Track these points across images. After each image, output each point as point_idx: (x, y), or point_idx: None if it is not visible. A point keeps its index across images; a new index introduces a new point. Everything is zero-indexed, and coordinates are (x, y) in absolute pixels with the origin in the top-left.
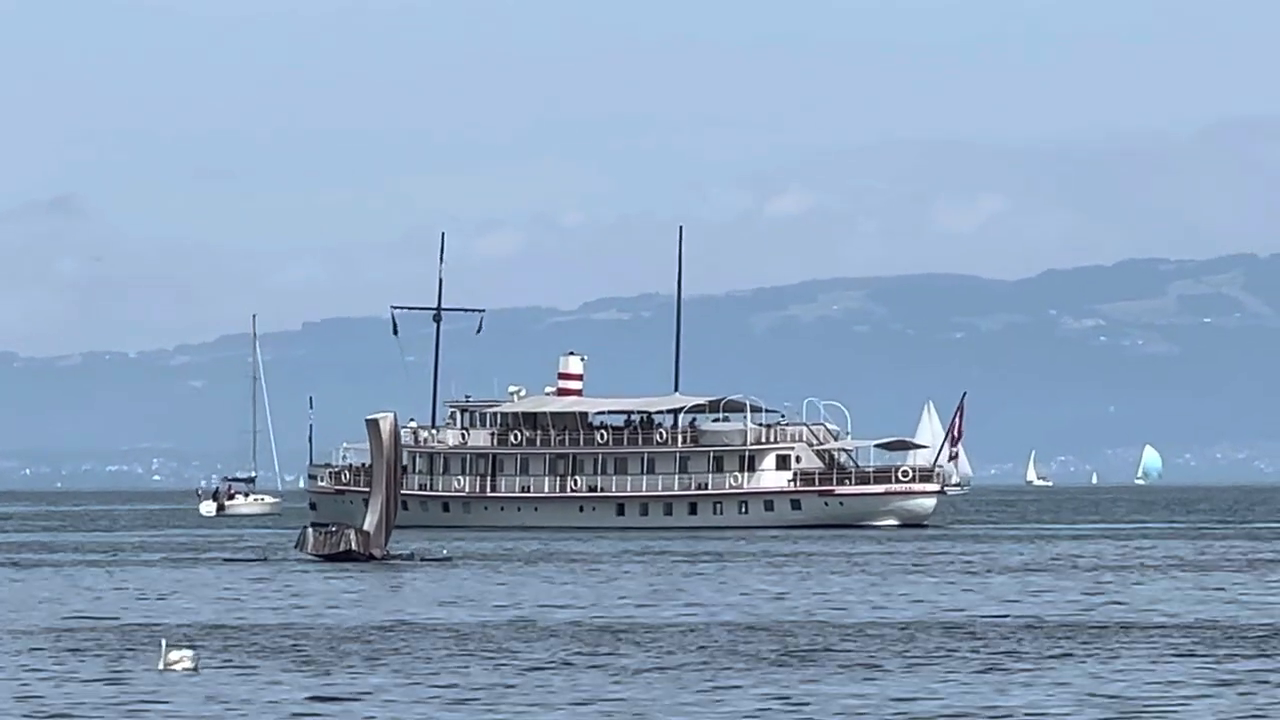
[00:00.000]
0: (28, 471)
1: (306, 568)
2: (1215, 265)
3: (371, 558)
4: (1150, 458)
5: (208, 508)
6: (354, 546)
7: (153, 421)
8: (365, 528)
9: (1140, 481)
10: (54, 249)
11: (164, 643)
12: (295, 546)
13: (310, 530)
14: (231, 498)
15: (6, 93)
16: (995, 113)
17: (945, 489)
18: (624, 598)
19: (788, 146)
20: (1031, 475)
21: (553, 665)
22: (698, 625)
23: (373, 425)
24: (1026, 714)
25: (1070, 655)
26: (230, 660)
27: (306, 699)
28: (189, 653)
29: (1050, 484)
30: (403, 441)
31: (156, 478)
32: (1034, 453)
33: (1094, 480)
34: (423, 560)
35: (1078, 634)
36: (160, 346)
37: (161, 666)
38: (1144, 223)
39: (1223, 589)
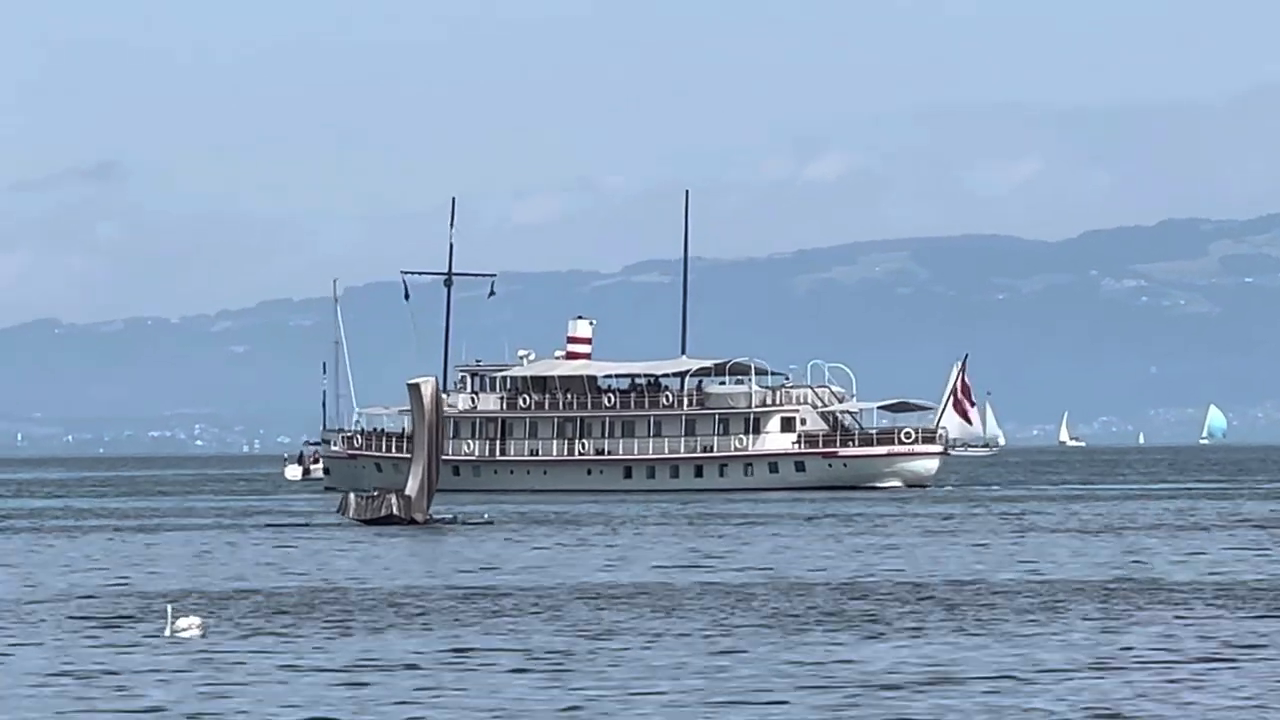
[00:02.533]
0: (70, 438)
1: (346, 532)
2: (1256, 225)
3: (413, 522)
4: (1215, 417)
5: (293, 471)
6: (395, 511)
7: (194, 387)
8: (407, 492)
9: (1204, 441)
10: (96, 215)
11: (170, 609)
12: (337, 511)
13: (352, 495)
14: (316, 461)
15: (49, 61)
16: (1036, 75)
17: (966, 450)
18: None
19: (828, 110)
20: (1064, 436)
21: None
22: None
23: (414, 390)
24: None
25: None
26: (239, 626)
27: (313, 668)
28: (195, 620)
29: (1083, 444)
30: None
31: (199, 443)
32: (1066, 414)
33: (1140, 440)
34: (464, 524)
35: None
36: (202, 312)
37: (169, 633)
38: (1184, 183)
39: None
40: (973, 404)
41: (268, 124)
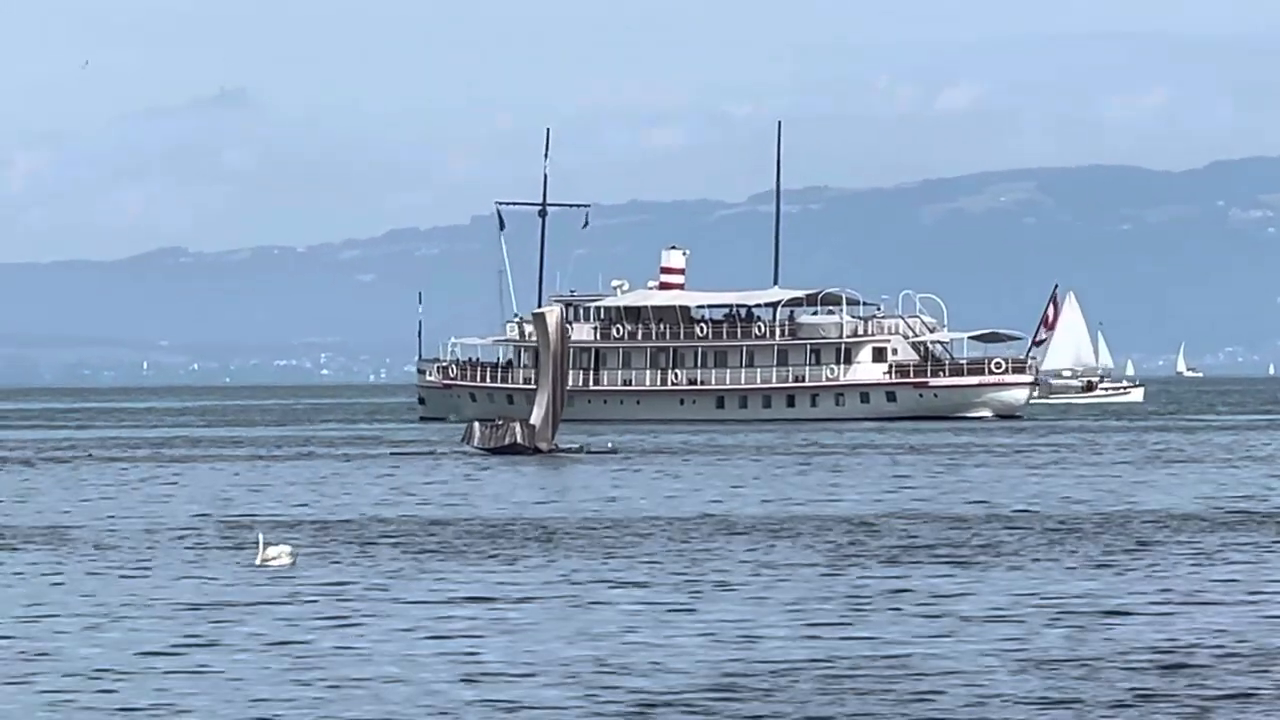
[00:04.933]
0: (196, 366)
1: (468, 462)
2: None
3: (537, 451)
4: None
5: None
6: (519, 440)
7: (321, 316)
8: (531, 421)
9: None
10: (223, 143)
11: (261, 537)
12: (462, 440)
13: (476, 424)
14: None
15: None
16: (1165, 4)
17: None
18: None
19: (956, 39)
20: (1181, 367)
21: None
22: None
23: (539, 319)
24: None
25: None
26: (332, 554)
27: (395, 599)
28: (286, 548)
29: (1200, 375)
30: (507, 336)
31: (325, 372)
32: (1184, 345)
33: (1270, 371)
34: (589, 453)
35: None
36: (328, 240)
37: (259, 561)
38: None
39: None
40: (1046, 332)
41: (397, 52)
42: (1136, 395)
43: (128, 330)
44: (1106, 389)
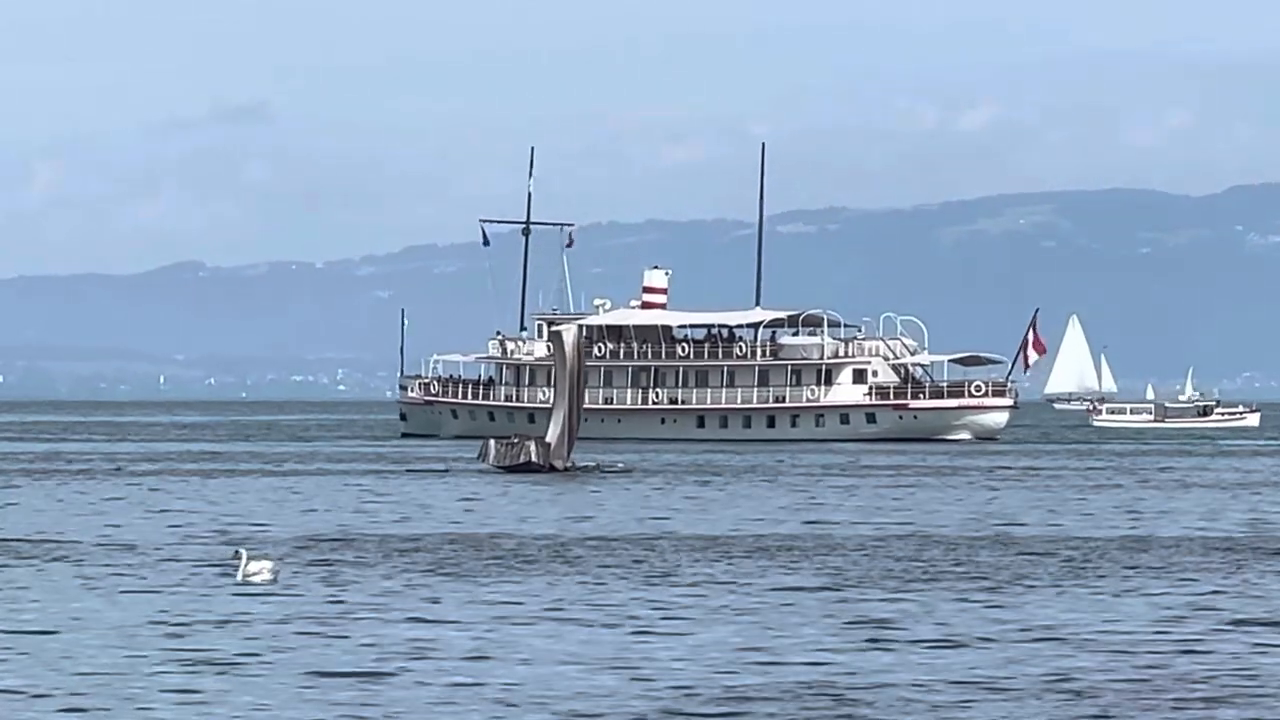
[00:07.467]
0: (212, 381)
1: (477, 479)
2: None
3: (553, 469)
4: None
5: None
6: (534, 458)
7: (338, 332)
8: (547, 439)
9: None
10: (242, 158)
11: (243, 553)
12: (478, 458)
13: (492, 442)
14: None
15: (198, 1)
16: (1184, 26)
17: (1069, 403)
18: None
19: (976, 60)
20: (1190, 391)
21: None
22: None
23: (556, 337)
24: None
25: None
26: (314, 571)
27: (374, 616)
28: (268, 564)
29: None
30: (489, 354)
31: (341, 388)
32: (1191, 369)
33: None
34: (602, 472)
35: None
36: (346, 256)
37: (240, 578)
38: None
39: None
40: (1030, 356)
41: (416, 67)
42: (1253, 420)
43: (144, 344)
44: (1223, 414)
